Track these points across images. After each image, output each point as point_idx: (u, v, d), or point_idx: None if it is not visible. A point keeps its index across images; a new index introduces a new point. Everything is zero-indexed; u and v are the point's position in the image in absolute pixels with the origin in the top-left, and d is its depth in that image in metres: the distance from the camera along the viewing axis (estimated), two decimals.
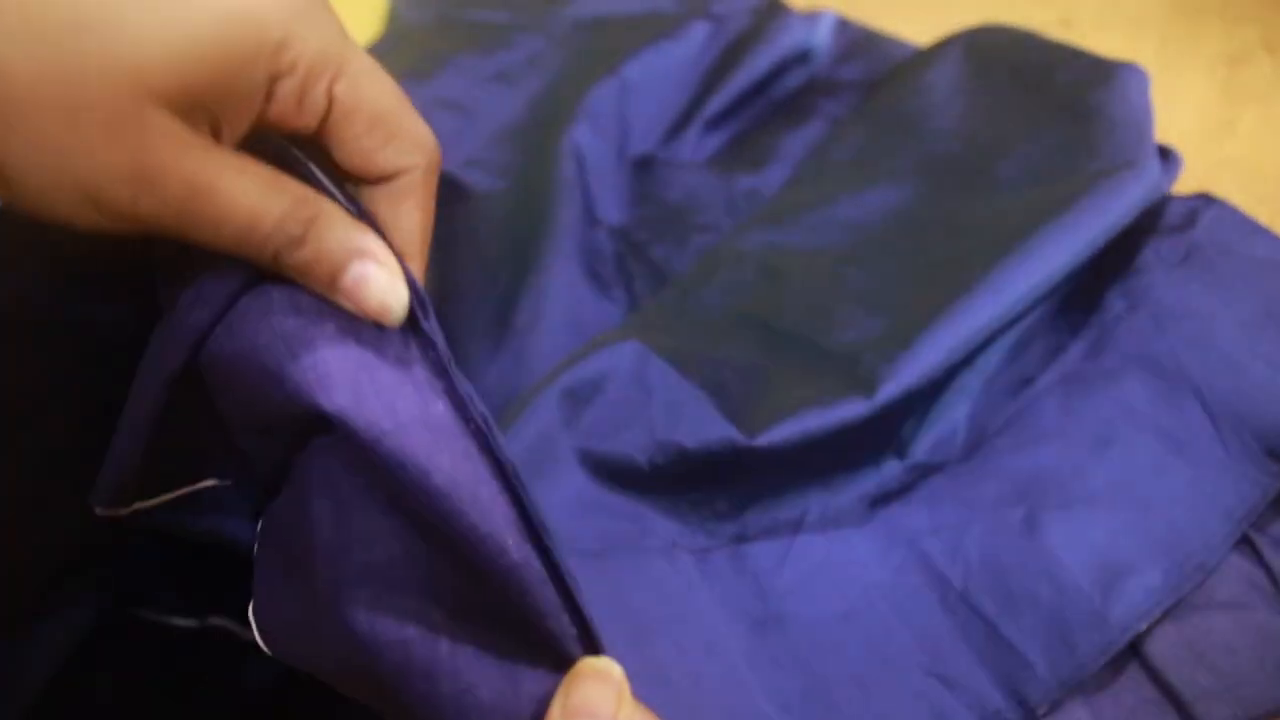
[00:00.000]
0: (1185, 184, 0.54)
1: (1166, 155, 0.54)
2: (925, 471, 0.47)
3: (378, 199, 0.24)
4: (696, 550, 0.44)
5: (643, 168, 0.61)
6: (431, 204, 0.25)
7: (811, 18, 0.68)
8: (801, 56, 0.66)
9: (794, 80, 0.65)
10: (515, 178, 0.60)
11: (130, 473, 0.30)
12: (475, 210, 0.60)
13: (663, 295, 0.52)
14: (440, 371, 0.24)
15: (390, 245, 0.23)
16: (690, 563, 0.43)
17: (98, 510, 0.32)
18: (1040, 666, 0.40)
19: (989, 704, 0.40)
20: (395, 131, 0.24)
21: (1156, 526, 0.43)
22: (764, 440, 0.42)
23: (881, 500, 0.46)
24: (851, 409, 0.43)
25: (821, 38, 0.67)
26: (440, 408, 0.23)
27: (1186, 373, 0.47)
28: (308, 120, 0.23)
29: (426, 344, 0.24)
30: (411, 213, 0.24)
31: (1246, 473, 0.44)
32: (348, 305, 0.23)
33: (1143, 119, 0.53)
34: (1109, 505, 0.44)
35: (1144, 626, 0.41)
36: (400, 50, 0.69)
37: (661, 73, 0.63)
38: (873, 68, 0.65)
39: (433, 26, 0.70)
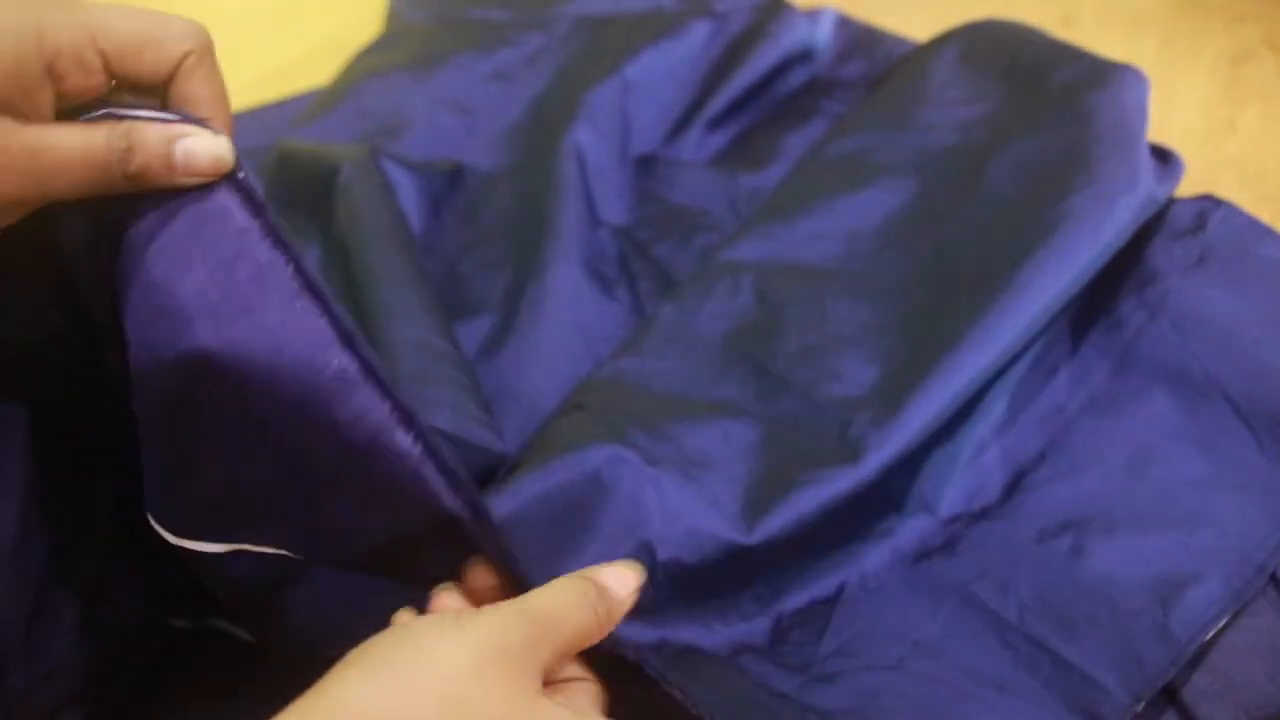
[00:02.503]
0: (1187, 183, 0.54)
1: (1167, 158, 0.54)
2: (967, 521, 0.46)
3: (175, 87, 0.30)
4: (729, 650, 0.42)
5: (645, 167, 0.61)
6: (217, 73, 0.30)
7: (813, 15, 0.67)
8: (803, 54, 0.66)
9: (796, 79, 0.65)
10: (516, 177, 0.60)
11: (196, 509, 0.32)
12: (476, 210, 0.59)
13: (663, 313, 0.52)
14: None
15: (199, 121, 0.29)
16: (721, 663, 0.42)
17: (170, 538, 0.34)
18: (1112, 685, 0.39)
19: None
20: (161, 38, 0.29)
21: (1207, 536, 0.43)
22: (761, 534, 0.42)
23: (924, 557, 0.45)
24: (840, 482, 0.43)
25: (823, 35, 0.67)
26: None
27: (1215, 379, 0.47)
28: (96, 79, 0.28)
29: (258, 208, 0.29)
30: (203, 84, 0.30)
31: None
32: (187, 179, 0.28)
33: (1136, 124, 0.52)
34: (1156, 522, 0.43)
35: (1209, 635, 0.40)
36: (400, 49, 0.68)
37: (663, 72, 0.63)
38: (874, 66, 0.65)
39: (433, 25, 0.70)
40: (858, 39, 0.67)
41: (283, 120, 0.66)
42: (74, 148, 0.27)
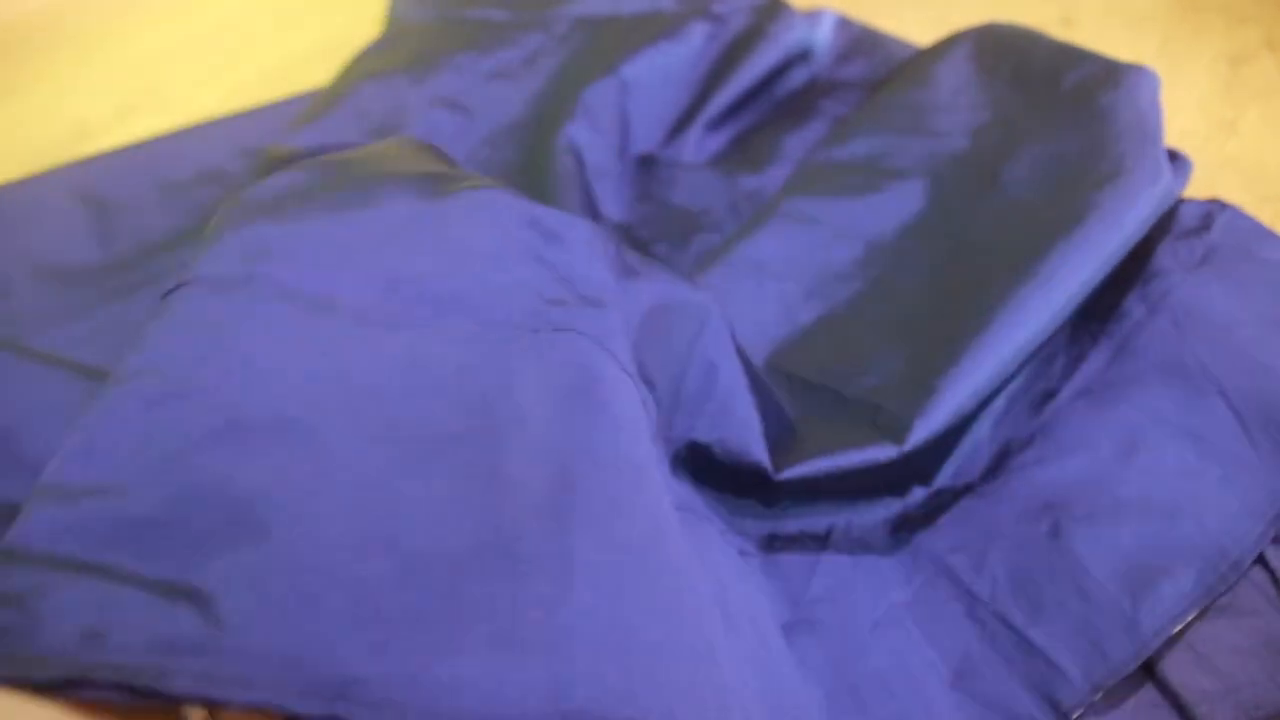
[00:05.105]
0: (1188, 184, 0.54)
1: (1174, 158, 0.54)
2: (951, 496, 0.47)
3: None
4: (737, 547, 0.44)
5: (645, 167, 0.61)
6: None
7: (812, 16, 0.67)
8: (802, 55, 0.66)
9: (795, 79, 0.65)
10: (515, 177, 0.60)
11: None
12: None
13: None
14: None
15: None
16: (734, 554, 0.44)
17: None
18: (1072, 672, 0.40)
19: (1018, 709, 0.40)
20: None
21: (1187, 529, 0.43)
22: (789, 474, 0.44)
23: (904, 525, 0.46)
24: (882, 452, 0.44)
25: (822, 36, 0.67)
26: None
27: (1210, 374, 0.47)
28: None
29: None
30: None
31: (1276, 470, 0.44)
32: None
33: (1152, 122, 0.53)
34: (1137, 512, 0.44)
35: (1176, 629, 0.40)
36: (400, 49, 0.68)
37: (662, 72, 0.63)
38: (874, 67, 0.65)
39: (432, 25, 0.70)
40: (858, 40, 0.67)
41: (283, 120, 0.66)
42: None
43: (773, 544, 0.45)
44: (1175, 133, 0.61)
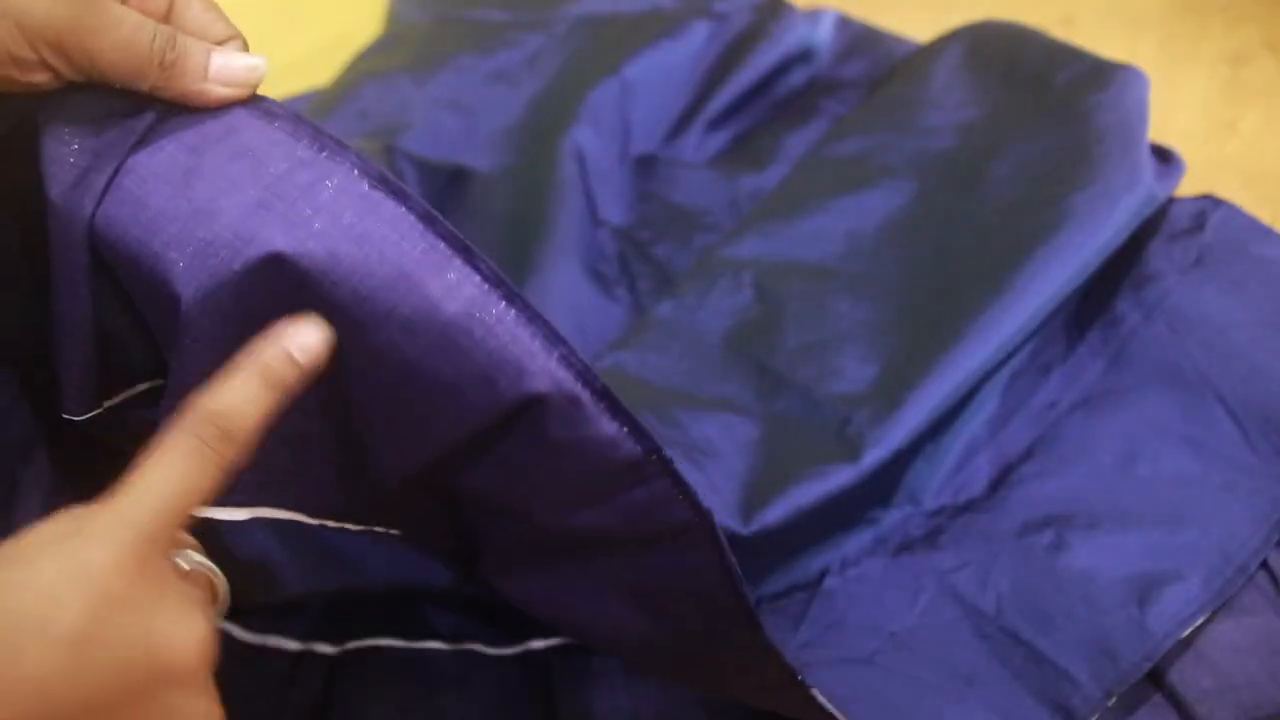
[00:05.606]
0: (1187, 184, 0.54)
1: (1167, 158, 0.54)
2: (952, 514, 0.47)
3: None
4: None
5: (645, 167, 0.61)
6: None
7: (813, 15, 0.67)
8: (803, 55, 0.66)
9: (796, 79, 0.65)
10: (515, 178, 0.60)
11: (88, 374, 0.32)
12: (474, 210, 0.59)
13: (661, 309, 0.52)
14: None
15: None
16: None
17: (74, 418, 0.33)
18: (1084, 679, 0.40)
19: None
20: (220, 13, 0.32)
21: (1190, 535, 0.43)
22: (757, 525, 0.42)
23: (906, 548, 0.46)
24: (838, 478, 0.43)
25: (823, 35, 0.67)
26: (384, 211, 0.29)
27: (1209, 379, 0.47)
28: (161, 2, 0.30)
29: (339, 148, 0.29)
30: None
31: (1277, 475, 0.44)
32: (220, 90, 0.30)
33: (1137, 124, 0.53)
34: (1140, 520, 0.44)
35: (1186, 633, 0.40)
36: (400, 50, 0.68)
37: (663, 72, 0.63)
38: (875, 66, 0.65)
39: (432, 26, 0.70)
40: (858, 39, 0.67)
41: None
42: (128, 16, 0.29)
43: (758, 608, 0.44)
44: (1175, 133, 0.61)
